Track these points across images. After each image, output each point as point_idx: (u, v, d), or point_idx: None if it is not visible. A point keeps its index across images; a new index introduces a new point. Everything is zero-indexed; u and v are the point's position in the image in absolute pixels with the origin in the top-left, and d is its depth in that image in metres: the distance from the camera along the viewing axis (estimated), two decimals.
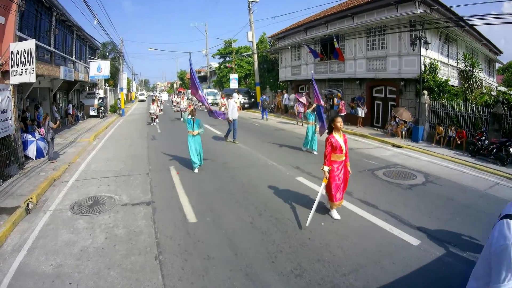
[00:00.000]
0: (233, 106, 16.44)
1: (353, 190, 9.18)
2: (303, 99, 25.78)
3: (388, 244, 6.17)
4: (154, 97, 35.81)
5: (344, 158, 7.22)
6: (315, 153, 13.84)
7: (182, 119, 26.63)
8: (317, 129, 14.07)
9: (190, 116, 11.31)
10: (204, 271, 5.36)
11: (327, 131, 7.44)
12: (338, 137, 7.15)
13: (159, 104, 29.29)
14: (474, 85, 18.60)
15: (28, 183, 10.23)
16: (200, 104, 24.68)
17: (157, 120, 26.27)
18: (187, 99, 35.89)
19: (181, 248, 6.10)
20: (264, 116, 28.22)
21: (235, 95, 18.66)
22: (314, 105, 14.20)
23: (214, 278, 5.16)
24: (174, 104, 35.25)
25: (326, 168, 7.06)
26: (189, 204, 8.31)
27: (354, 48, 22.70)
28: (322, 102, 14.35)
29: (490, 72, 30.14)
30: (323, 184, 7.09)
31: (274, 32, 34.97)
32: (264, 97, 30.22)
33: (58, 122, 16.10)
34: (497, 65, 34.31)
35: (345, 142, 7.22)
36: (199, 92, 12.52)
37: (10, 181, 10.48)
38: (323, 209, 7.84)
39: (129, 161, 13.20)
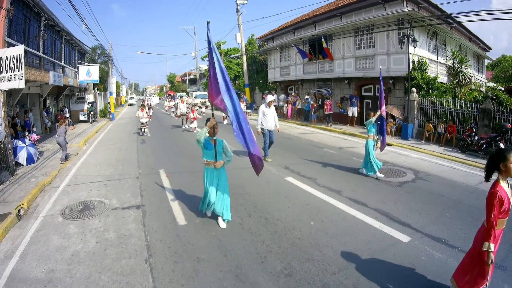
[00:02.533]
0: (272, 114, 12.85)
1: (342, 188, 9.29)
2: (269, 97, 26.52)
3: (378, 241, 6.22)
4: (142, 102, 33.50)
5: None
6: (375, 176, 10.52)
7: (184, 127, 24.38)
8: (378, 144, 11.04)
9: (207, 135, 6.84)
10: (194, 272, 5.38)
11: (484, 174, 4.35)
12: (507, 188, 4.10)
13: (147, 110, 24.24)
14: (463, 81, 18.76)
15: (19, 189, 10.18)
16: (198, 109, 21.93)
17: (146, 131, 21.79)
18: (199, 105, 33.63)
19: (171, 251, 6.11)
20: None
21: (270, 96, 13.50)
22: (378, 112, 10.74)
23: (204, 280, 5.18)
24: (166, 109, 34.59)
25: (492, 247, 4.07)
26: (178, 207, 8.32)
27: (343, 47, 22.83)
28: (384, 111, 10.90)
29: (479, 68, 30.44)
30: (489, 277, 4.19)
31: (263, 33, 35.13)
32: (244, 97, 31.83)
33: (74, 126, 16.39)
34: (486, 61, 34.62)
35: None
36: (221, 95, 6.29)
37: (1, 187, 10.40)
38: (312, 208, 7.90)
39: (119, 165, 13.15)
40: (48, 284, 5.24)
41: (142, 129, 21.87)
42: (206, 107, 38.33)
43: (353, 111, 21.61)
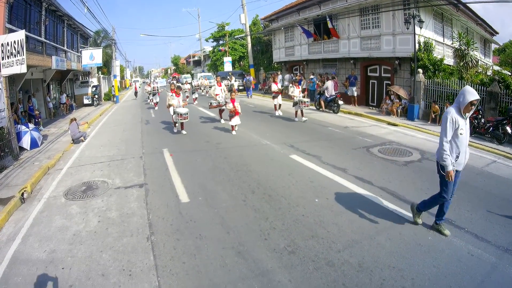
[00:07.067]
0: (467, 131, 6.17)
1: (347, 166, 9.19)
2: (469, 91, 26.68)
3: (383, 219, 6.13)
4: (172, 84, 16.96)
5: None
6: None
7: (223, 121, 16.68)
8: None
9: None
10: (196, 250, 5.33)
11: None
12: None
13: (183, 94, 17.82)
14: (470, 63, 18.48)
15: (23, 173, 10.18)
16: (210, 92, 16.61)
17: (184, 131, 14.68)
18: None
19: (173, 228, 6.07)
20: (249, 94, 30.70)
21: (470, 90, 5.59)
22: None
23: (206, 257, 5.13)
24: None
25: None
26: (181, 185, 8.29)
27: (348, 27, 22.46)
28: None
29: (486, 52, 29.96)
30: None
31: (267, 13, 34.82)
32: (247, 77, 32.25)
33: (87, 123, 16.91)
34: (493, 46, 34.07)
35: None
36: None
37: (5, 172, 10.41)
38: (316, 185, 7.82)
39: (122, 145, 13.12)
40: (50, 264, 5.23)
41: (179, 125, 14.77)
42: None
43: (353, 90, 21.46)
